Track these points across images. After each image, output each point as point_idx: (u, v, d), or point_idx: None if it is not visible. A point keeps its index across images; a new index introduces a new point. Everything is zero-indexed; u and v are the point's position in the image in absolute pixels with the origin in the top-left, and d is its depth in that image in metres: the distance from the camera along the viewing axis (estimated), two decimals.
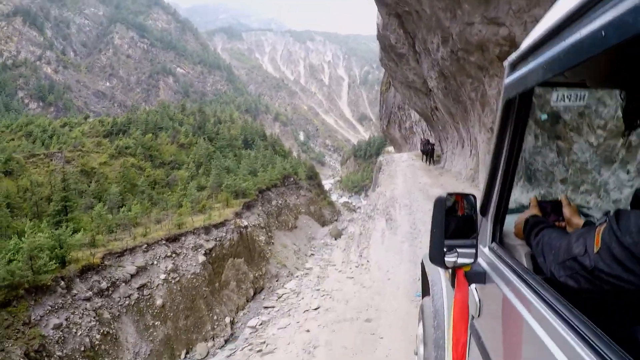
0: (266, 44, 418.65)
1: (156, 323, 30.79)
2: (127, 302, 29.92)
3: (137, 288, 31.01)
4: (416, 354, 4.05)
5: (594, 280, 1.24)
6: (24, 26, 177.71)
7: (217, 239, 39.47)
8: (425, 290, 4.00)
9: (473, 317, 2.21)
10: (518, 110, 1.87)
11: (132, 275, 31.27)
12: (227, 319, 35.72)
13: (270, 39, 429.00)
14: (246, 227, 45.04)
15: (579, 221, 1.92)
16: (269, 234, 52.14)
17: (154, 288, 31.89)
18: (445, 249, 2.09)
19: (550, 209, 2.07)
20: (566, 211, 1.99)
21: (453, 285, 2.50)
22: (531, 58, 1.58)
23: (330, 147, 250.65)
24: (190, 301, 33.75)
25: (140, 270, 31.98)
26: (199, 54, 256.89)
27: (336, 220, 76.74)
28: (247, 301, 40.02)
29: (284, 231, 57.59)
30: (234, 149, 78.54)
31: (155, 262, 33.16)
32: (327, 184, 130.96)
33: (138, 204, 45.69)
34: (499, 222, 2.19)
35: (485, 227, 2.30)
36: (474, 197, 2.36)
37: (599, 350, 1.02)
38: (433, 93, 26.85)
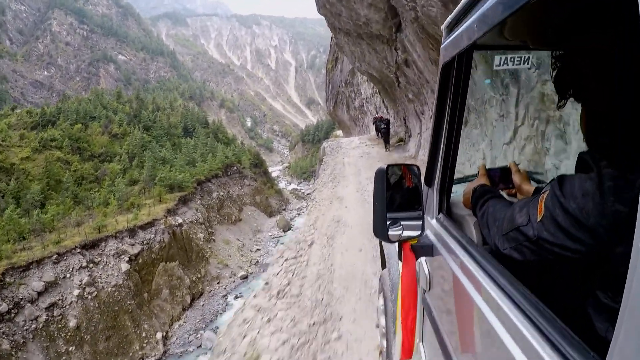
0: (212, 29, 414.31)
1: (70, 349, 26.77)
2: (33, 326, 25.85)
3: (46, 308, 26.94)
4: (377, 326, 3.83)
5: (538, 250, 1.20)
6: None
7: (145, 242, 34.98)
8: (384, 263, 3.86)
9: (424, 291, 2.16)
10: (457, 73, 1.82)
11: (40, 293, 27.05)
12: (159, 335, 31.61)
13: (216, 24, 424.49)
14: (180, 225, 40.68)
15: (530, 187, 1.93)
16: (209, 230, 47.91)
17: (67, 307, 27.65)
18: (388, 222, 1.98)
19: (499, 176, 2.06)
20: (516, 178, 2.01)
21: (400, 258, 2.32)
22: (466, 18, 1.58)
23: (278, 133, 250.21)
24: (111, 319, 29.43)
25: (50, 286, 27.68)
26: (142, 40, 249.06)
27: (284, 209, 73.70)
28: (184, 310, 35.91)
29: (227, 225, 53.52)
30: (172, 138, 73.65)
31: (67, 275, 28.69)
32: (275, 170, 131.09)
33: (60, 204, 40.67)
34: (445, 192, 2.14)
35: (432, 198, 2.27)
36: (418, 167, 2.22)
37: (541, 325, 1.02)
38: (407, 26, 14.68)
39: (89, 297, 28.80)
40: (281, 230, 57.83)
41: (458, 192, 2.21)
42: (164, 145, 67.66)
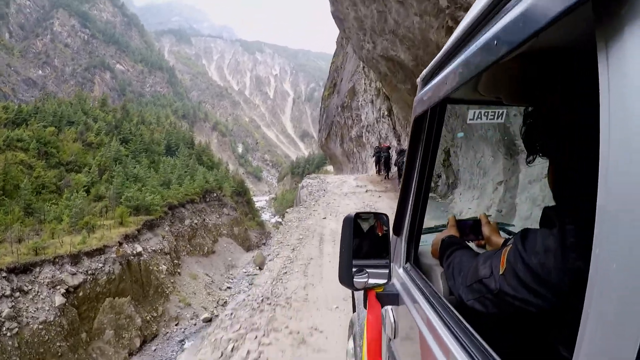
0: (215, 51, 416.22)
1: None
2: None
3: None
4: None
5: (500, 303, 1.24)
6: None
7: (89, 272, 29.89)
8: (355, 306, 3.88)
9: (390, 339, 2.19)
10: (429, 125, 1.90)
11: None
12: None
13: (220, 47, 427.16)
14: (140, 254, 35.68)
15: (499, 239, 1.97)
16: (176, 261, 42.88)
17: None
18: (354, 270, 1.99)
19: (470, 228, 2.09)
20: (485, 230, 2.04)
21: (365, 306, 2.30)
22: (439, 72, 1.63)
23: (269, 162, 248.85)
24: None
25: None
26: (142, 52, 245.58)
27: (264, 244, 68.73)
28: (130, 355, 30.77)
29: (198, 257, 48.60)
30: (152, 155, 68.63)
31: None
32: (262, 200, 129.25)
33: (9, 212, 35.69)
34: (413, 241, 2.19)
35: (400, 247, 2.31)
36: (386, 216, 2.25)
37: None
38: None
39: (8, 333, 23.70)
40: (257, 267, 52.99)
41: (427, 241, 2.21)
42: (140, 161, 62.71)
